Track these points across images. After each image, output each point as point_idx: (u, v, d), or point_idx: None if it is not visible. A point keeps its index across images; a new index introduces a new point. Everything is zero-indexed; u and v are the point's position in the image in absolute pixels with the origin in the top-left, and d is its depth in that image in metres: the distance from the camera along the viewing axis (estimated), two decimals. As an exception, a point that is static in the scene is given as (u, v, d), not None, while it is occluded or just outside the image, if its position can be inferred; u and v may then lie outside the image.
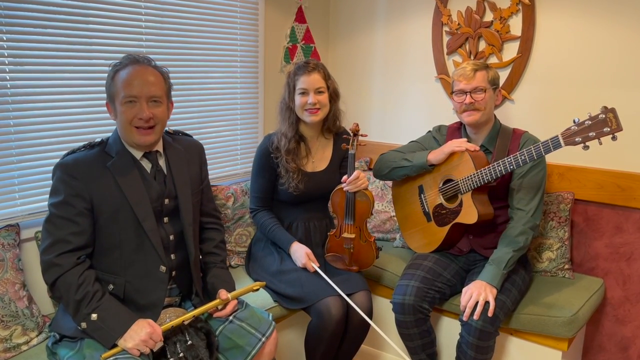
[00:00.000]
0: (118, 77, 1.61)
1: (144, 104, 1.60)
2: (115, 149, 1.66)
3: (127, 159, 1.66)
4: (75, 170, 1.59)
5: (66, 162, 1.61)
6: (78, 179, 1.59)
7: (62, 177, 1.59)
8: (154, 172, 1.71)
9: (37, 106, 1.95)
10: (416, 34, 2.79)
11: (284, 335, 2.24)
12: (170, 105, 1.73)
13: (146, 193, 1.66)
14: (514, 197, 2.04)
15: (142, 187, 1.66)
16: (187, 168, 1.80)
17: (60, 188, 1.59)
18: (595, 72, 2.27)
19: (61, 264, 1.55)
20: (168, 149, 1.77)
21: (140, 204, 1.64)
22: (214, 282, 1.81)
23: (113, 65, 1.64)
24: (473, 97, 2.03)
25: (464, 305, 1.90)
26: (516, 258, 1.98)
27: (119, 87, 1.60)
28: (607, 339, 2.39)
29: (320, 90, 2.13)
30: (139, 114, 1.60)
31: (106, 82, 1.65)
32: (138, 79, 1.60)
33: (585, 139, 1.75)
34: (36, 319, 1.80)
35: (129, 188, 1.63)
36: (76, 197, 1.58)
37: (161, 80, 1.66)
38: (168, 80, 1.70)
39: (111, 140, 1.69)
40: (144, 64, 1.65)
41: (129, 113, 1.60)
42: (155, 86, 1.63)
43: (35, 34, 1.92)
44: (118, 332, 1.52)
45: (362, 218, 2.11)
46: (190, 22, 2.43)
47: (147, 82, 1.61)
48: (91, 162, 1.62)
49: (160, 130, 1.68)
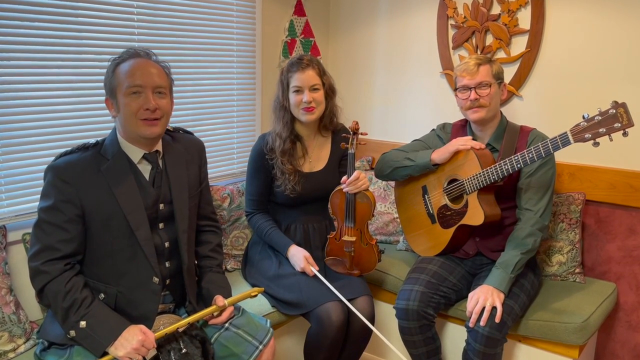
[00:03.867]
0: (120, 70, 1.60)
1: (149, 93, 1.60)
2: (112, 152, 1.65)
3: (122, 162, 1.65)
4: (67, 175, 1.58)
5: (58, 165, 1.60)
6: (70, 184, 1.58)
7: (53, 181, 1.58)
8: (153, 174, 1.70)
9: (23, 103, 1.95)
10: (420, 28, 2.78)
11: (282, 342, 2.24)
12: (172, 101, 1.72)
13: (141, 200, 1.65)
14: (521, 196, 2.04)
15: (137, 194, 1.65)
16: (185, 170, 1.79)
17: (51, 192, 1.58)
18: (607, 66, 2.27)
19: (48, 271, 1.55)
20: (167, 149, 1.76)
21: (134, 212, 1.63)
22: (209, 288, 1.81)
23: (113, 59, 1.64)
24: (478, 92, 2.03)
25: (470, 311, 1.90)
26: (524, 261, 1.97)
27: (121, 78, 1.59)
28: (620, 346, 2.38)
29: (315, 87, 2.12)
30: (145, 104, 1.59)
31: (105, 77, 1.64)
32: (141, 69, 1.60)
33: (595, 135, 1.74)
34: (23, 325, 1.79)
35: (123, 195, 1.62)
36: (67, 203, 1.57)
37: (164, 73, 1.67)
38: (170, 75, 1.70)
39: (108, 141, 1.68)
40: (146, 57, 1.65)
41: (134, 104, 1.59)
42: (159, 77, 1.63)
43: (22, 27, 1.91)
44: (108, 340, 1.52)
45: (363, 220, 2.11)
46: (184, 14, 2.43)
47: (151, 72, 1.61)
48: (84, 165, 1.61)
49: (165, 123, 1.67)
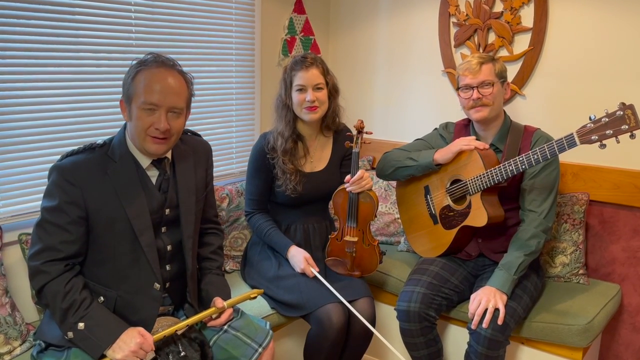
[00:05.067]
0: (139, 78, 1.57)
1: (163, 114, 1.57)
2: (119, 153, 1.63)
3: (130, 165, 1.64)
4: (73, 176, 1.57)
5: (64, 165, 1.58)
6: (75, 185, 1.57)
7: (57, 181, 1.57)
8: (160, 180, 1.70)
9: (19, 102, 1.94)
10: (422, 26, 2.78)
11: (282, 344, 2.24)
12: (188, 114, 1.70)
13: (146, 205, 1.64)
14: (525, 198, 2.04)
15: (143, 198, 1.64)
16: (194, 175, 1.78)
17: (55, 193, 1.57)
18: (612, 65, 2.26)
19: (48, 271, 1.55)
20: (176, 154, 1.75)
21: (138, 217, 1.62)
22: (208, 290, 1.81)
23: (137, 62, 1.60)
24: (480, 91, 2.03)
25: (473, 313, 1.90)
26: (527, 263, 1.97)
27: (139, 90, 1.56)
28: (624, 348, 2.38)
29: (319, 86, 2.12)
30: (156, 123, 1.57)
31: (125, 79, 1.61)
32: (160, 83, 1.57)
33: (602, 137, 1.75)
34: (19, 327, 1.79)
35: (128, 199, 1.61)
36: (71, 204, 1.57)
37: (184, 88, 1.63)
38: (191, 88, 1.67)
39: (115, 141, 1.66)
40: (169, 67, 1.61)
41: (145, 121, 1.57)
42: (177, 96, 1.60)
43: (18, 25, 1.91)
44: (106, 342, 1.52)
45: (365, 220, 2.11)
46: (182, 12, 2.42)
47: (170, 90, 1.58)
48: (91, 167, 1.60)
49: (174, 141, 1.65)
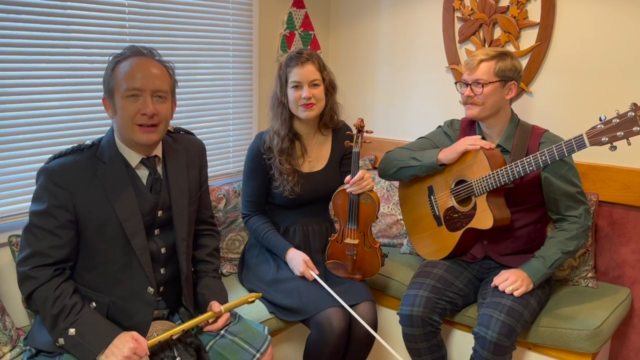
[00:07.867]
0: (119, 70, 1.58)
1: (147, 98, 1.58)
2: (108, 154, 1.63)
3: (120, 166, 1.64)
4: (61, 178, 1.57)
5: (52, 168, 1.58)
6: (63, 188, 1.56)
7: (46, 184, 1.57)
8: (151, 180, 1.69)
9: (9, 99, 1.94)
10: (425, 20, 2.78)
11: (281, 350, 2.23)
12: (174, 104, 1.70)
13: (138, 207, 1.64)
14: (559, 206, 2.05)
15: (134, 200, 1.63)
16: (186, 175, 1.78)
17: (44, 196, 1.57)
18: (622, 61, 2.26)
19: (37, 277, 1.55)
20: (167, 152, 1.75)
21: (130, 219, 1.62)
22: (205, 293, 1.81)
23: (114, 56, 1.61)
24: (472, 89, 2.03)
25: (497, 284, 1.95)
26: (562, 262, 2.01)
27: (120, 79, 1.57)
28: (635, 354, 2.38)
29: (315, 82, 2.12)
30: (142, 109, 1.57)
31: (105, 75, 1.62)
32: (142, 71, 1.58)
33: (613, 138, 1.74)
34: (9, 332, 1.79)
35: (119, 201, 1.61)
36: (60, 208, 1.56)
37: (166, 74, 1.64)
38: (173, 77, 1.68)
39: (104, 142, 1.66)
40: (148, 57, 1.63)
41: (131, 108, 1.57)
42: (160, 80, 1.61)
43: (7, 20, 1.91)
44: (98, 348, 1.52)
45: (366, 222, 2.11)
46: (177, 6, 2.42)
47: (152, 74, 1.59)
48: (79, 169, 1.60)
49: (164, 129, 1.65)
